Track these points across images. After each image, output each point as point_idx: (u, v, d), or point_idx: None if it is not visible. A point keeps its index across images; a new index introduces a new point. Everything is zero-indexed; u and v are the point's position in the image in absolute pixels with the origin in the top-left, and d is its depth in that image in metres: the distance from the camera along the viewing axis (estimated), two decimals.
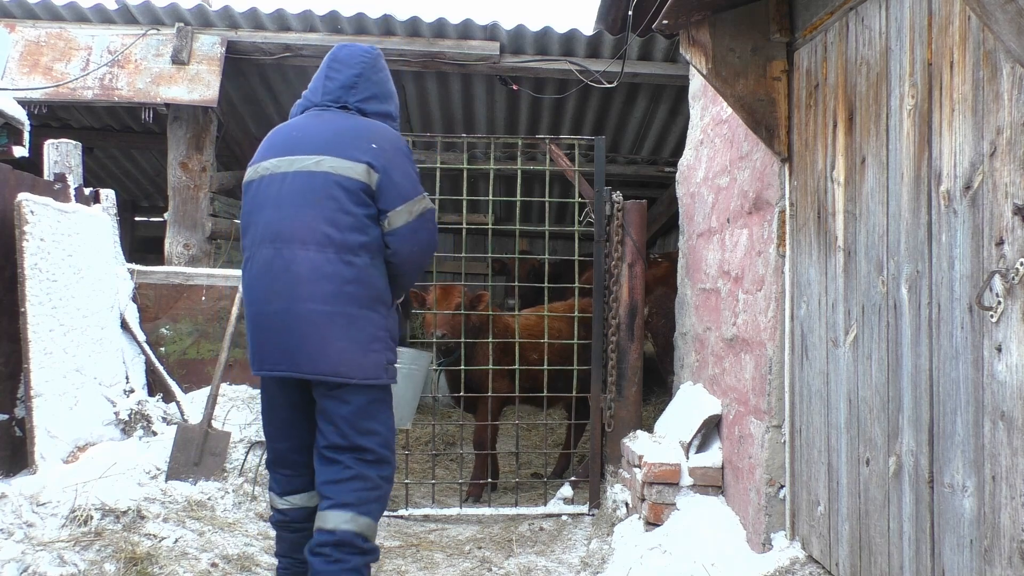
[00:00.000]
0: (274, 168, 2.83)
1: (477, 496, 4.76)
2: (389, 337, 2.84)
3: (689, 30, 3.02)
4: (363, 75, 2.95)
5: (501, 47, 5.87)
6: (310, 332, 2.70)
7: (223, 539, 3.35)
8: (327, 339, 2.70)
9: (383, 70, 3.02)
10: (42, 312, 3.73)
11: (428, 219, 2.88)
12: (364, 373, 2.73)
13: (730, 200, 3.64)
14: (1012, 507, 1.78)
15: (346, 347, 2.71)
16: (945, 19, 2.07)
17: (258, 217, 2.82)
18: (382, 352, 2.79)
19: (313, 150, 2.79)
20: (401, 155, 2.86)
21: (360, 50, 2.99)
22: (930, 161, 2.13)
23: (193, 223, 5.96)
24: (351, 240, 2.73)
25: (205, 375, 4.60)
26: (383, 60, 3.05)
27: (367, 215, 2.77)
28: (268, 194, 2.81)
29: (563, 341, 4.73)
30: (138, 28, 5.80)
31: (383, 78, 3.01)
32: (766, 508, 3.07)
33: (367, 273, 2.76)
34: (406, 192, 2.81)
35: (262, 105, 7.17)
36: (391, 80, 3.07)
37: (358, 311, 2.74)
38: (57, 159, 4.43)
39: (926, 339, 2.13)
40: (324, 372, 2.70)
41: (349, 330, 2.72)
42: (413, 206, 2.81)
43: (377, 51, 3.04)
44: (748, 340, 3.34)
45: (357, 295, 2.74)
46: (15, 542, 2.95)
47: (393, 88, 3.06)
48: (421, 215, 2.84)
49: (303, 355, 2.71)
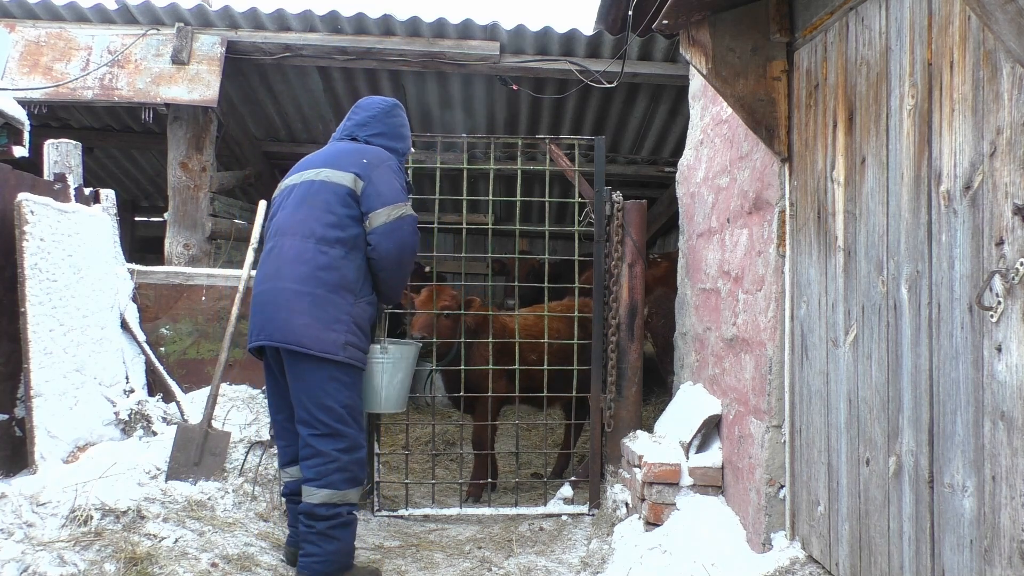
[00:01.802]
0: (292, 181, 3.46)
1: (477, 496, 4.77)
2: (353, 323, 3.25)
3: (689, 30, 3.02)
4: (375, 117, 3.57)
5: (501, 47, 5.87)
6: (283, 306, 3.20)
7: (223, 539, 3.35)
8: (295, 312, 3.18)
9: (396, 116, 3.61)
10: (42, 312, 3.73)
11: (406, 222, 3.34)
12: (322, 347, 3.16)
13: (730, 200, 3.64)
14: (1012, 507, 1.78)
15: (309, 323, 3.17)
16: (945, 19, 2.07)
17: (274, 219, 3.44)
18: (342, 333, 3.20)
19: (318, 165, 3.41)
20: (388, 169, 3.38)
21: (378, 100, 3.65)
22: (930, 161, 2.13)
23: (193, 223, 5.96)
24: (330, 234, 3.25)
25: (205, 375, 4.60)
26: (400, 110, 3.65)
27: (349, 215, 3.27)
28: (283, 201, 3.44)
29: (562, 341, 4.73)
30: (138, 28, 5.81)
31: (395, 123, 3.60)
32: (766, 508, 3.07)
33: (338, 263, 3.24)
34: (387, 198, 3.29)
35: (262, 105, 7.17)
36: (406, 127, 3.64)
37: (325, 294, 3.20)
38: (57, 159, 4.43)
39: (926, 339, 2.13)
40: (288, 341, 3.17)
41: (314, 308, 3.18)
42: (393, 211, 3.30)
43: (393, 102, 3.64)
44: (748, 340, 3.34)
45: (326, 280, 3.21)
46: (15, 542, 2.95)
47: (406, 133, 3.64)
48: (400, 218, 3.31)
49: (275, 326, 3.21)
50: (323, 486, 3.18)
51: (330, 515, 3.17)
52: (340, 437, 3.20)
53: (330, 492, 3.17)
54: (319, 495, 3.17)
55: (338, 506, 3.19)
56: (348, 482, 3.22)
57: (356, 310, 3.26)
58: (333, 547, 3.19)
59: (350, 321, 3.23)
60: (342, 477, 3.19)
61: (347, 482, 3.21)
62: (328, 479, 3.18)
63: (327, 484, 3.17)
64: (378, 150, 3.45)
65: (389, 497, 4.65)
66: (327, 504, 3.17)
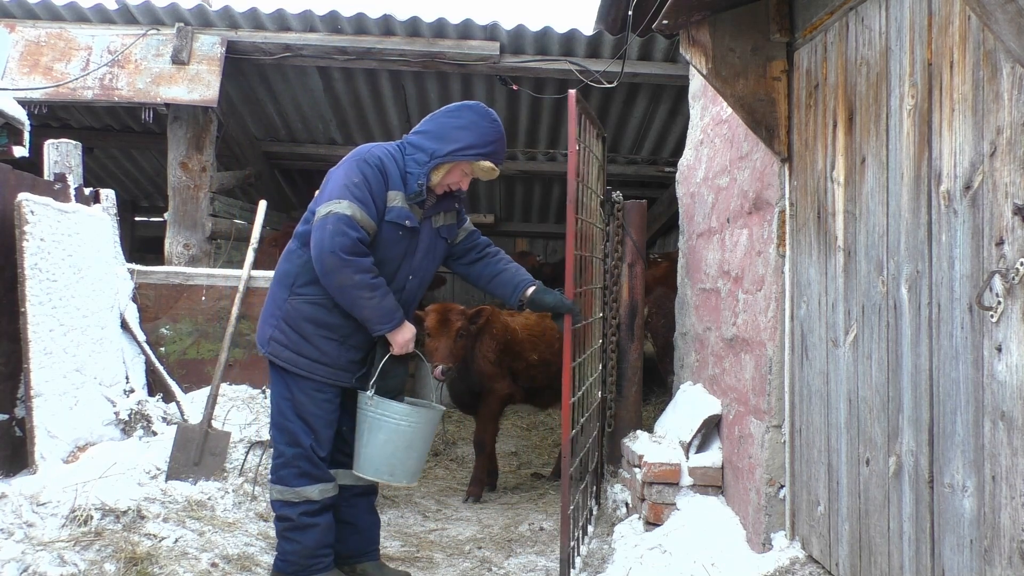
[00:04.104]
0: None
1: (477, 496, 4.76)
2: (282, 319, 3.12)
3: (689, 30, 3.02)
4: (435, 115, 3.22)
5: (501, 47, 5.87)
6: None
7: (223, 539, 3.35)
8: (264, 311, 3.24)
9: (457, 116, 3.15)
10: (42, 312, 3.73)
11: (328, 221, 2.95)
12: (259, 338, 3.19)
13: (730, 200, 3.64)
14: (1012, 507, 1.78)
15: (261, 313, 3.24)
16: (945, 19, 2.07)
17: None
18: (271, 328, 3.14)
19: None
20: (346, 164, 3.09)
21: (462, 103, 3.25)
22: (930, 161, 2.13)
23: (193, 223, 5.96)
24: (299, 229, 3.18)
25: (205, 375, 4.60)
26: (472, 112, 3.16)
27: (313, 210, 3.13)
28: None
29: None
30: (138, 28, 5.81)
31: (449, 123, 3.14)
32: (766, 508, 3.07)
33: (288, 257, 3.19)
34: (327, 195, 3.04)
35: (262, 105, 7.17)
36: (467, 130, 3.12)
37: (275, 288, 3.20)
38: (57, 159, 4.43)
39: (926, 339, 2.13)
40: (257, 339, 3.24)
41: (267, 300, 3.23)
42: (323, 208, 3.00)
43: (472, 104, 3.22)
44: (748, 340, 3.34)
45: (278, 273, 3.21)
46: (15, 542, 2.95)
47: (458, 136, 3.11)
48: (323, 216, 2.97)
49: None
50: (276, 482, 3.12)
51: (283, 515, 3.09)
52: (282, 429, 3.11)
53: (282, 488, 3.09)
54: (274, 491, 3.13)
55: (293, 504, 3.07)
56: (300, 478, 3.07)
57: (287, 307, 3.11)
58: (291, 548, 3.09)
59: (280, 316, 3.12)
60: (291, 473, 3.08)
61: (298, 478, 3.07)
62: (279, 474, 3.11)
63: (279, 480, 3.10)
64: (372, 146, 3.19)
65: (389, 497, 4.65)
66: (279, 501, 3.10)
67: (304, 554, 3.09)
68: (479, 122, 3.14)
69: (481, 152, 3.13)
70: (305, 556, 3.10)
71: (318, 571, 3.13)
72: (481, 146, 3.12)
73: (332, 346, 3.10)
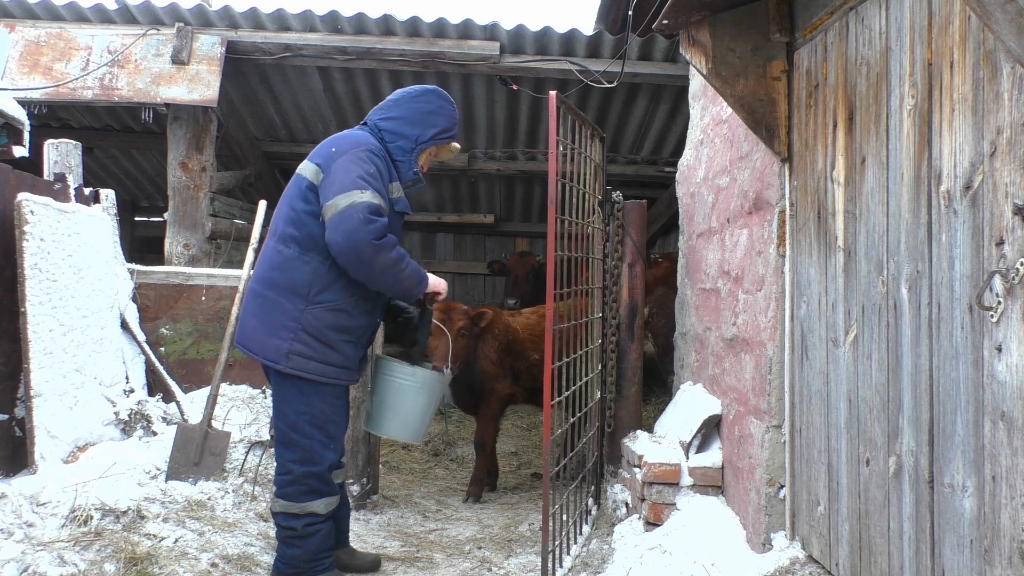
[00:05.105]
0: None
1: (477, 496, 4.77)
2: (302, 330, 3.01)
3: (689, 30, 3.02)
4: (399, 101, 3.26)
5: (501, 47, 5.87)
6: (246, 307, 3.16)
7: (223, 539, 3.35)
8: (248, 314, 3.12)
9: (426, 101, 3.26)
10: (42, 312, 3.73)
11: (357, 210, 2.92)
12: (265, 353, 3.05)
13: (730, 200, 3.64)
14: (1012, 507, 1.78)
15: (256, 325, 3.08)
16: (945, 19, 2.07)
17: None
18: (287, 341, 3.01)
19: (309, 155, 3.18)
20: (352, 156, 3.03)
21: (417, 87, 3.33)
22: (930, 161, 2.13)
23: (193, 223, 5.96)
24: (287, 232, 3.07)
25: (205, 375, 4.60)
26: (436, 96, 3.29)
27: (307, 211, 3.04)
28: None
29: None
30: (138, 28, 5.81)
31: (420, 107, 3.24)
32: (766, 508, 3.07)
33: (291, 264, 3.04)
34: (339, 187, 2.95)
35: (262, 105, 7.17)
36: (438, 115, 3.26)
37: (274, 296, 3.05)
38: (57, 159, 4.43)
39: (926, 339, 2.13)
40: (241, 342, 3.15)
41: (262, 311, 3.07)
42: (341, 200, 2.93)
43: (432, 88, 3.31)
44: (748, 340, 3.34)
45: (276, 281, 3.06)
46: (15, 542, 2.95)
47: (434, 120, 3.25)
48: (349, 206, 2.92)
49: (240, 327, 3.19)
50: (280, 496, 3.12)
51: (287, 526, 3.11)
52: (293, 446, 3.08)
53: (286, 504, 3.10)
54: (278, 504, 3.13)
55: (298, 517, 3.10)
56: (307, 495, 3.10)
57: (307, 317, 3.01)
58: (293, 552, 3.12)
59: (297, 328, 3.00)
60: (298, 490, 3.09)
61: (305, 495, 3.10)
62: (284, 491, 3.10)
63: (283, 496, 3.11)
64: (357, 135, 3.15)
65: (389, 497, 4.65)
66: (284, 514, 3.11)
67: (305, 558, 3.13)
68: (446, 106, 3.31)
69: (452, 135, 3.35)
70: (306, 560, 3.13)
71: (319, 572, 3.16)
72: (451, 129, 3.34)
73: (351, 348, 3.14)
